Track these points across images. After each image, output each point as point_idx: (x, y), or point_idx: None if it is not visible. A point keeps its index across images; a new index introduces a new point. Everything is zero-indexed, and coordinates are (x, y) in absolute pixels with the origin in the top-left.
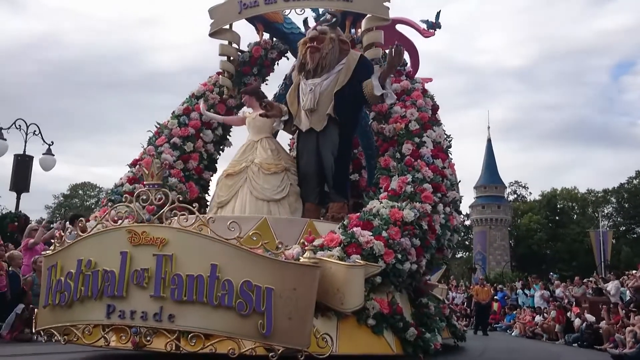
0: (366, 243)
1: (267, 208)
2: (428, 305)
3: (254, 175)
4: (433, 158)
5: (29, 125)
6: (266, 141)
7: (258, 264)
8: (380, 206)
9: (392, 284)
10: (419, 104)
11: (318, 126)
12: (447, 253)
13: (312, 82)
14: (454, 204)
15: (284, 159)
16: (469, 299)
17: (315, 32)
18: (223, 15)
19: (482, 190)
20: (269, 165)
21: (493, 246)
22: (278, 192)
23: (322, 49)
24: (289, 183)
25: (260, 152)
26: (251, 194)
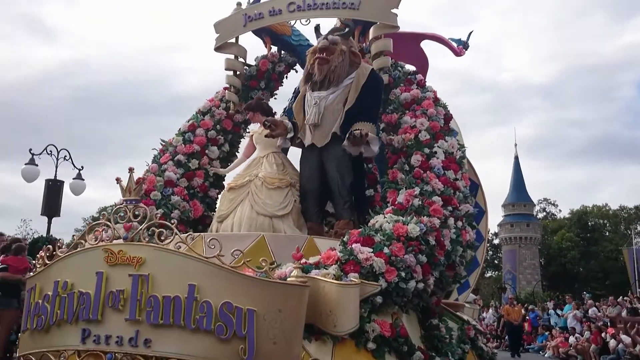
0: (365, 260)
1: (269, 223)
2: (439, 327)
3: (257, 190)
4: (444, 169)
5: (59, 150)
6: (272, 156)
7: (239, 284)
8: (384, 221)
9: (395, 304)
10: (429, 113)
11: (320, 142)
12: (460, 270)
13: (318, 95)
14: (467, 218)
15: (290, 174)
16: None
17: (326, 42)
18: (228, 29)
19: (511, 208)
20: (273, 180)
21: (523, 265)
22: (281, 208)
23: (331, 61)
24: (294, 199)
25: (265, 166)
26: (252, 208)
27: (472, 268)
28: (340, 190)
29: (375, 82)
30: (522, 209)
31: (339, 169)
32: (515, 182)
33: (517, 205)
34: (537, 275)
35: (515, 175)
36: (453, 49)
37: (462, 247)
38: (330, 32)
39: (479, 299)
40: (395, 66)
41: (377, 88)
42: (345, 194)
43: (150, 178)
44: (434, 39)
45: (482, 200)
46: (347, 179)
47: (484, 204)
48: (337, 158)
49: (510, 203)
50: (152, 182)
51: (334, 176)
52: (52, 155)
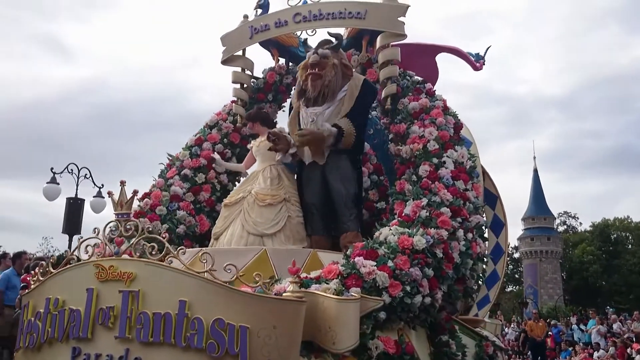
0: (368, 274)
1: (259, 242)
2: (449, 343)
3: (249, 207)
4: (454, 179)
5: (80, 169)
6: (269, 169)
7: (232, 300)
8: (389, 233)
9: (401, 320)
10: (438, 122)
11: (321, 159)
12: (471, 284)
13: (314, 111)
14: (478, 230)
15: (286, 188)
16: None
17: (317, 56)
18: (234, 42)
19: (531, 221)
20: (265, 196)
21: (544, 279)
22: (272, 226)
23: (324, 75)
24: (287, 215)
25: (260, 181)
26: (242, 227)
27: (492, 282)
28: (346, 202)
29: (369, 90)
30: (542, 222)
31: (343, 181)
32: (534, 195)
33: (537, 218)
34: (559, 289)
35: (535, 188)
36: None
37: (473, 260)
38: (319, 46)
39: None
40: (404, 75)
41: (371, 97)
42: (350, 205)
43: (155, 193)
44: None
45: (501, 213)
46: (352, 189)
47: (503, 216)
48: (339, 170)
49: (530, 216)
50: (157, 197)
51: (337, 188)
52: (73, 173)
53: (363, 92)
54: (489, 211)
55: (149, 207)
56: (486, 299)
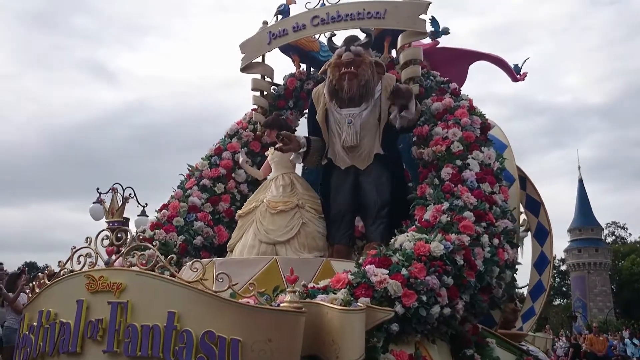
0: (379, 283)
1: (271, 250)
2: (474, 358)
3: (261, 216)
4: (479, 182)
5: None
6: (282, 177)
7: (223, 311)
8: (405, 239)
9: (417, 332)
10: (463, 123)
11: (362, 164)
12: (498, 293)
13: (349, 113)
14: (506, 235)
15: (299, 195)
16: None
17: (350, 54)
18: (253, 49)
19: (577, 233)
20: (277, 204)
21: (593, 292)
22: (284, 233)
23: (359, 74)
24: (301, 222)
25: (272, 190)
26: (255, 236)
27: (537, 293)
28: (379, 210)
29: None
30: (589, 233)
31: (378, 189)
32: (580, 206)
33: (584, 229)
34: (609, 302)
35: (580, 198)
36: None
37: (500, 268)
38: (348, 43)
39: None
40: (427, 75)
41: None
42: (382, 214)
43: (173, 204)
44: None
45: (545, 220)
46: (385, 197)
47: (547, 223)
48: (378, 178)
49: (577, 227)
50: (175, 208)
51: (372, 198)
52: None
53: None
54: (532, 219)
55: (166, 219)
56: (531, 311)
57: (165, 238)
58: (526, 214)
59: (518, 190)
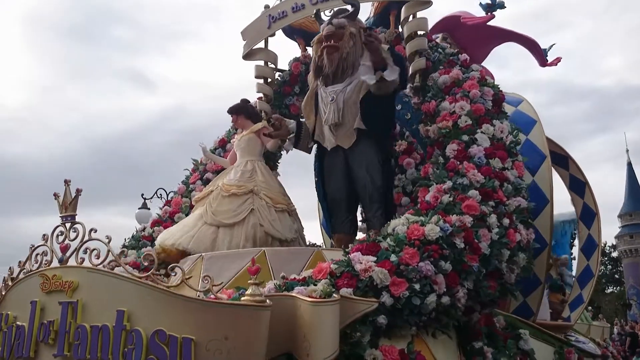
0: (364, 271)
1: (212, 232)
2: (483, 351)
3: (213, 199)
4: (488, 157)
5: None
6: (245, 163)
7: (175, 308)
8: (399, 223)
9: (410, 324)
10: (472, 95)
11: (346, 143)
12: (510, 279)
13: (333, 90)
14: (519, 214)
15: (257, 182)
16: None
17: (332, 27)
18: (254, 34)
19: (628, 218)
20: (230, 187)
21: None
22: (232, 216)
23: (341, 47)
24: (251, 208)
25: (230, 174)
26: (200, 217)
27: (585, 279)
28: (372, 194)
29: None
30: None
31: (369, 170)
32: (630, 190)
33: (635, 214)
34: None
35: (630, 182)
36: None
37: (511, 251)
38: (334, 16)
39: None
40: (436, 48)
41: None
42: (376, 198)
43: (175, 200)
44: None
45: (591, 201)
46: (378, 181)
47: (594, 205)
48: (366, 158)
49: (628, 213)
50: (177, 204)
51: (363, 178)
52: (162, 198)
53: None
54: (578, 200)
55: (168, 215)
56: (579, 299)
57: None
58: (571, 195)
59: (549, 167)
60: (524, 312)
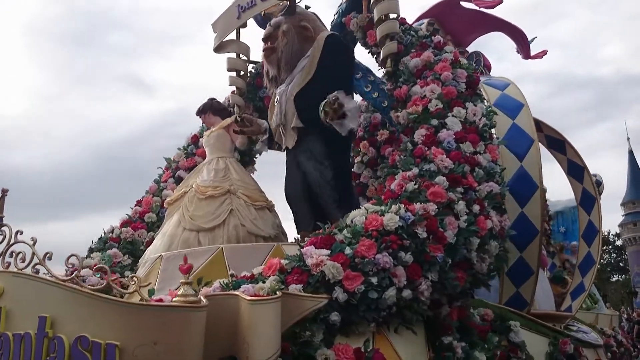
0: (315, 266)
1: (194, 238)
2: (452, 346)
3: (188, 202)
4: (458, 142)
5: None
6: (216, 161)
7: (103, 312)
8: (357, 214)
9: (369, 321)
10: (443, 78)
11: (290, 142)
12: (481, 268)
13: (279, 91)
14: (491, 200)
15: (232, 181)
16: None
17: (270, 28)
18: (224, 26)
19: (631, 206)
20: (206, 188)
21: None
22: (210, 220)
23: (276, 48)
24: (230, 209)
25: (204, 174)
26: (179, 223)
27: (587, 267)
28: (322, 186)
29: (335, 47)
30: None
31: (316, 166)
32: (632, 178)
33: (638, 202)
34: None
35: (632, 170)
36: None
37: (481, 239)
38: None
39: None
40: (408, 31)
41: (340, 55)
42: (329, 190)
43: (146, 199)
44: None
45: (590, 186)
46: (326, 171)
47: (593, 189)
48: (312, 154)
49: (630, 200)
50: (148, 203)
51: (310, 172)
52: None
53: (327, 51)
54: (577, 185)
55: (138, 216)
56: (581, 288)
57: (133, 236)
58: (570, 180)
59: (538, 151)
60: (517, 302)
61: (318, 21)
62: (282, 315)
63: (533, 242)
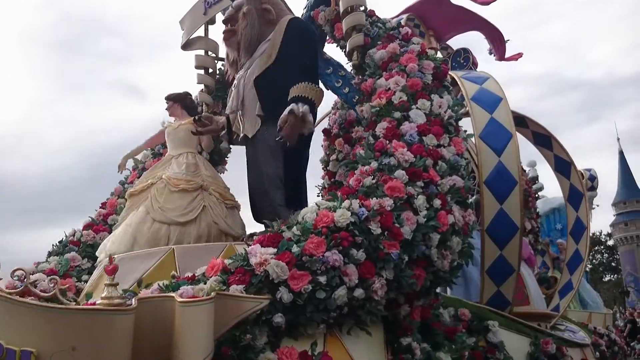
0: (259, 265)
1: (165, 231)
2: (412, 348)
3: (157, 193)
4: (421, 135)
5: None
6: (186, 155)
7: (21, 317)
8: (309, 210)
9: (318, 322)
10: (408, 69)
11: (250, 131)
12: (442, 265)
13: (239, 76)
14: (454, 195)
15: (202, 177)
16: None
17: (231, 10)
18: (191, 23)
19: (622, 206)
20: (178, 181)
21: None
22: (184, 214)
23: (236, 30)
24: (203, 205)
25: (174, 166)
26: (147, 214)
27: (575, 264)
28: (269, 183)
29: (298, 31)
30: (635, 205)
31: (269, 156)
32: (623, 178)
33: (629, 202)
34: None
35: (623, 170)
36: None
37: (442, 234)
38: None
39: None
40: (375, 23)
41: (302, 38)
42: (275, 187)
43: (110, 201)
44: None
45: (578, 182)
46: (280, 169)
47: (580, 185)
48: (268, 146)
49: (621, 201)
50: (112, 205)
51: (262, 166)
52: None
53: (289, 36)
54: (564, 181)
55: (102, 218)
56: (568, 286)
57: (95, 239)
58: (557, 176)
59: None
60: (498, 302)
61: (282, 4)
62: (218, 318)
63: (513, 239)
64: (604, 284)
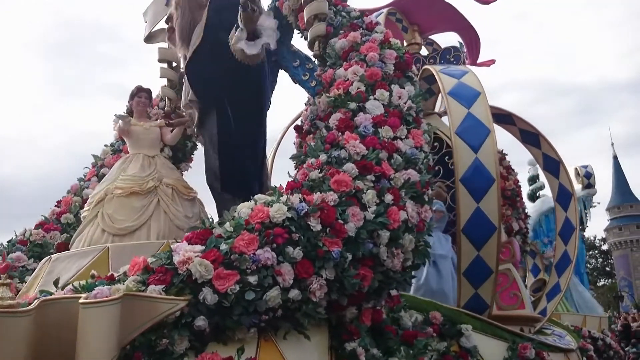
0: (181, 264)
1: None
2: (356, 353)
3: (169, 199)
4: (377, 126)
5: None
6: (162, 159)
7: None
8: (245, 205)
9: (248, 326)
10: (368, 59)
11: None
12: (393, 265)
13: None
14: (409, 190)
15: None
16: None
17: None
18: (153, 15)
19: (616, 211)
20: (188, 190)
21: (638, 270)
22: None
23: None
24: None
25: (168, 172)
26: (171, 221)
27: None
28: (213, 176)
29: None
30: (629, 210)
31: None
32: (617, 183)
33: (623, 207)
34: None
35: (617, 175)
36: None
37: (392, 231)
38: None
39: None
40: (339, 12)
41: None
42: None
43: (65, 199)
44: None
45: (566, 181)
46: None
47: (569, 185)
48: (209, 136)
49: (615, 206)
50: (67, 203)
51: (210, 160)
52: None
53: (213, 10)
54: (553, 180)
55: (55, 216)
56: (556, 288)
57: (44, 238)
58: (546, 175)
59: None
60: (476, 305)
61: None
62: (127, 320)
63: (491, 240)
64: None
